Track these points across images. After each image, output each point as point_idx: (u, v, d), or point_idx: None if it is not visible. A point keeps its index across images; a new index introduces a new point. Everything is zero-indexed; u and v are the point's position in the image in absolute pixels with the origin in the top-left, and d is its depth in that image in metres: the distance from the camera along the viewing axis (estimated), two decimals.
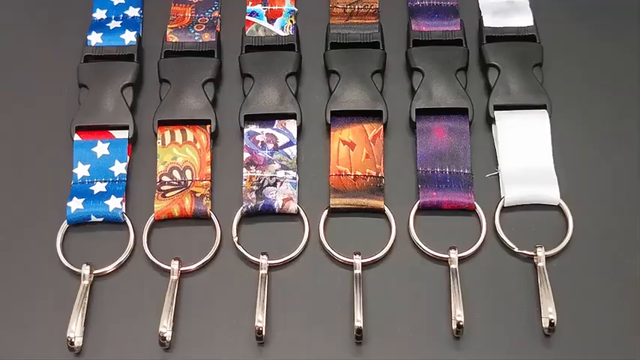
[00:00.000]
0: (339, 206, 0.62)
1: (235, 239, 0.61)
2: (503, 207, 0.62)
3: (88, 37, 0.68)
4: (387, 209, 0.62)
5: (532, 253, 0.60)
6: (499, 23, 0.68)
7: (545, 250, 0.60)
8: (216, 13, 0.70)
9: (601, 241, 0.61)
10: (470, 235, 0.61)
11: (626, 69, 0.67)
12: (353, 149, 0.64)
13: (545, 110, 0.64)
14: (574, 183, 0.63)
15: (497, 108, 0.64)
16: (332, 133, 0.64)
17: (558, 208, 0.62)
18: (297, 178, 0.63)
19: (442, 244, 0.60)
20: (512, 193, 0.62)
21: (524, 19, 0.68)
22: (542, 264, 0.59)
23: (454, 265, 0.60)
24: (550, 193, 0.62)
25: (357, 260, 0.60)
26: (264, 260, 0.60)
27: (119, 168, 0.64)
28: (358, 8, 0.69)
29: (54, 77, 0.68)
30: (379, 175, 0.63)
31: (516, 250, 0.60)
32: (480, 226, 0.61)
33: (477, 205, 0.62)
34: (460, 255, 0.60)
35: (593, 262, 0.60)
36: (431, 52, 0.66)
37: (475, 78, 0.67)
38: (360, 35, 0.67)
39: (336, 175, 0.63)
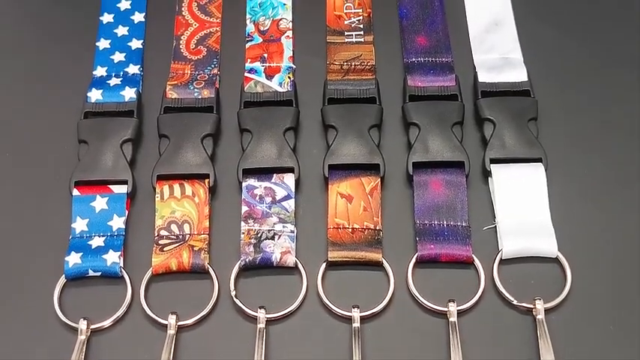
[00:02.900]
0: (337, 259, 0.62)
1: (233, 293, 0.61)
2: (501, 259, 0.62)
3: (88, 94, 0.69)
4: (385, 262, 0.62)
5: (531, 306, 0.60)
6: (494, 79, 0.69)
7: (544, 303, 0.60)
8: (215, 70, 0.71)
9: (600, 293, 0.61)
10: (468, 288, 0.61)
11: (621, 122, 0.68)
12: (351, 202, 0.64)
13: (540, 163, 0.65)
14: (571, 235, 0.63)
15: (494, 161, 0.65)
16: (330, 186, 0.64)
17: (556, 260, 0.62)
18: (295, 232, 0.63)
19: (441, 296, 0.60)
20: (510, 245, 0.62)
21: (518, 74, 0.69)
22: (541, 316, 0.59)
23: (453, 318, 0.59)
24: (548, 245, 0.62)
25: (356, 314, 0.60)
26: (261, 314, 0.60)
27: (117, 222, 0.64)
28: (355, 65, 0.70)
29: (54, 133, 0.69)
30: (377, 227, 0.63)
31: (515, 302, 0.60)
32: (479, 278, 0.61)
33: (475, 258, 0.62)
34: (459, 308, 0.60)
35: (593, 315, 0.60)
36: (427, 106, 0.67)
37: (471, 132, 0.68)
38: (357, 91, 0.68)
39: (334, 228, 0.63)
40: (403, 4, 0.75)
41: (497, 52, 0.71)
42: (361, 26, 0.73)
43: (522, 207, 0.63)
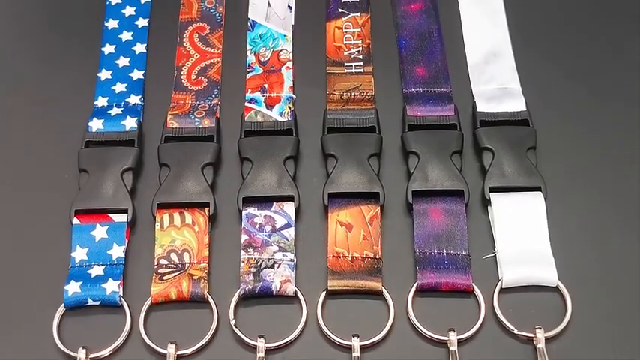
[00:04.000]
0: (337, 288, 0.62)
1: (232, 322, 0.61)
2: (501, 288, 0.62)
3: (90, 124, 0.69)
4: (385, 291, 0.62)
5: (531, 335, 0.60)
6: (492, 108, 0.69)
7: (545, 332, 0.59)
8: (215, 100, 0.72)
9: (600, 321, 0.61)
10: (468, 317, 0.61)
11: (619, 150, 0.69)
12: (350, 231, 0.64)
13: (540, 192, 0.65)
14: (571, 264, 0.63)
15: (493, 190, 0.65)
16: (329, 214, 0.65)
17: (556, 289, 0.62)
18: (295, 260, 0.63)
19: (441, 325, 0.60)
20: (510, 274, 0.62)
21: (517, 104, 0.69)
22: (541, 345, 0.59)
23: (453, 347, 0.59)
24: (547, 274, 0.62)
25: (356, 343, 0.59)
26: (261, 343, 0.60)
27: (117, 251, 0.64)
28: (354, 95, 0.71)
29: (55, 162, 0.69)
30: (377, 256, 0.63)
31: (515, 331, 0.60)
32: (479, 307, 0.61)
33: (475, 287, 0.62)
34: (459, 337, 0.60)
35: (593, 344, 0.60)
36: (426, 136, 0.67)
37: (470, 161, 0.68)
38: (356, 120, 0.69)
39: (333, 256, 0.63)
40: (402, 35, 0.75)
41: (495, 82, 0.72)
42: (361, 57, 0.74)
43: (522, 235, 0.63)
